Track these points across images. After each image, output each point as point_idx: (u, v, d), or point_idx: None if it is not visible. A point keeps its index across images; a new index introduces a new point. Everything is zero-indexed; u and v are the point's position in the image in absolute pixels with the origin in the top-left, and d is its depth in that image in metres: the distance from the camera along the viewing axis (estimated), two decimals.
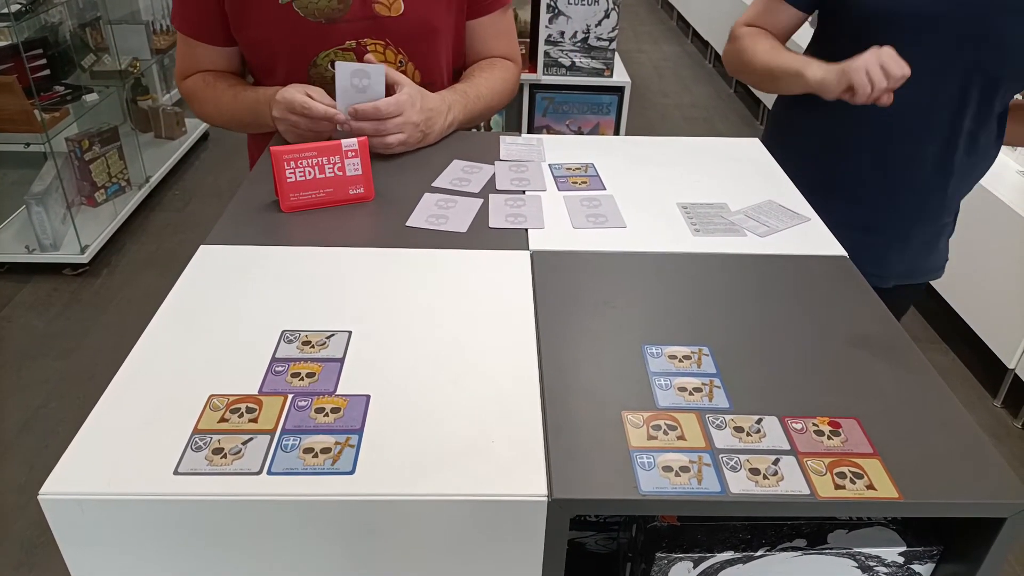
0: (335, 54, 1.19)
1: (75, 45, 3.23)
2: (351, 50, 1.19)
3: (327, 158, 1.00)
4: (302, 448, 0.64)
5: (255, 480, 0.61)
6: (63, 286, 2.80)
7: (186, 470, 0.62)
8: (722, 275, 0.92)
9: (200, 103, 1.27)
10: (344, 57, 1.19)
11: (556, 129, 2.66)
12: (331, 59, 1.19)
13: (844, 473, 0.64)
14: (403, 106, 1.12)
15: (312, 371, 0.72)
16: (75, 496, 0.60)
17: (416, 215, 1.02)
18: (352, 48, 1.19)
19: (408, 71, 1.24)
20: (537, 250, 0.95)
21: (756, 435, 0.68)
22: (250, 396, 0.69)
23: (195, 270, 0.88)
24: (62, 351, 2.47)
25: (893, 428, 0.69)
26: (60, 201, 2.87)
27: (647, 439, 0.67)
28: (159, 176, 3.44)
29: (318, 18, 1.16)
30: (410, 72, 1.24)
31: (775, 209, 1.06)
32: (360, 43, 1.19)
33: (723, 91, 4.98)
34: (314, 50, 1.19)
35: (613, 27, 2.47)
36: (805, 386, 0.74)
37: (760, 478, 0.63)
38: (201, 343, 0.76)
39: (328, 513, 0.61)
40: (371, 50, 1.20)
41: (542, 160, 1.19)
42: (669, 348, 0.78)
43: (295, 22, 1.16)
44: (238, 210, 1.02)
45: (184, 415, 0.67)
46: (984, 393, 2.41)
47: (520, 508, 0.61)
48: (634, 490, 0.62)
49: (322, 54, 1.19)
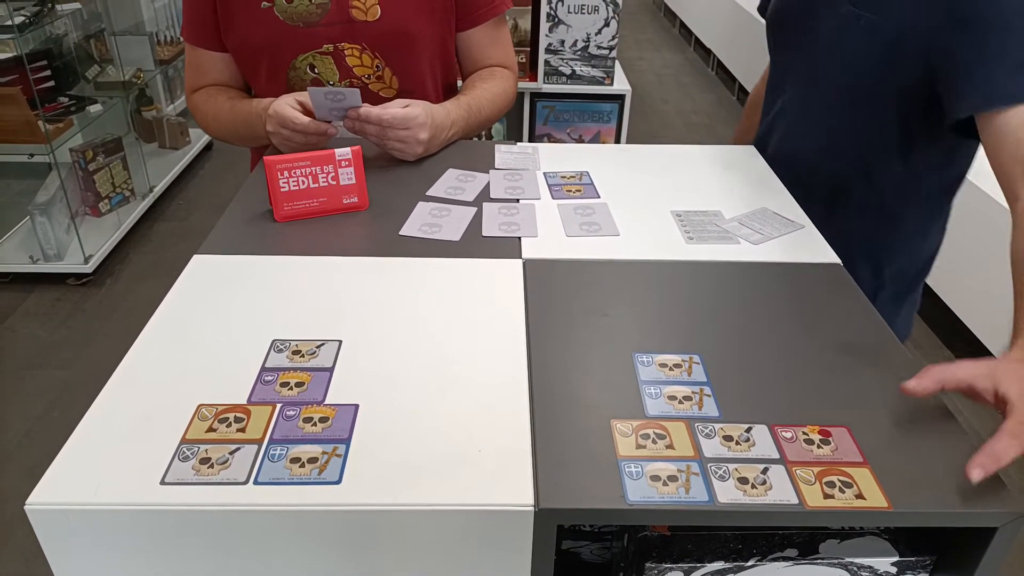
0: (313, 57, 1.21)
1: (79, 56, 3.25)
2: (328, 54, 1.21)
3: (320, 167, 1.00)
4: (289, 458, 0.64)
5: (241, 490, 0.61)
6: (67, 296, 2.81)
7: (173, 480, 0.62)
8: (715, 283, 0.91)
9: (203, 116, 1.29)
10: (322, 61, 1.21)
11: (557, 137, 2.67)
12: (309, 62, 1.22)
13: (833, 482, 0.63)
14: (410, 122, 1.13)
15: (301, 380, 0.72)
16: (61, 506, 0.60)
17: (409, 224, 1.02)
18: (330, 52, 1.21)
19: (385, 77, 1.25)
20: (530, 258, 0.95)
21: (745, 444, 0.67)
22: (239, 406, 0.69)
23: (188, 280, 0.89)
24: (65, 360, 2.48)
25: (884, 436, 0.68)
26: (64, 211, 2.88)
27: (636, 448, 0.66)
28: (163, 186, 3.45)
29: (296, 22, 1.19)
30: (387, 78, 1.25)
31: (769, 216, 1.06)
32: (338, 47, 1.21)
33: (725, 98, 4.98)
34: (292, 53, 1.21)
35: (613, 35, 2.47)
36: (796, 394, 0.74)
37: (748, 487, 0.63)
38: (191, 353, 0.76)
39: (314, 523, 0.61)
40: (348, 54, 1.21)
41: (537, 168, 1.19)
42: (660, 356, 0.78)
43: (274, 25, 1.18)
44: (232, 220, 1.02)
45: (172, 425, 0.67)
46: None
47: (506, 518, 0.61)
48: (621, 500, 0.61)
49: (300, 57, 1.21)
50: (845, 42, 1.08)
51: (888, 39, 1.02)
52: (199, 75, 1.28)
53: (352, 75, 1.23)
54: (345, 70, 1.23)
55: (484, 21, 1.30)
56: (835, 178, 1.16)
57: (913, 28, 0.99)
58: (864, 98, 1.09)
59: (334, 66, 1.22)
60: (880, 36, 1.03)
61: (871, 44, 1.04)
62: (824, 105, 1.15)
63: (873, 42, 1.04)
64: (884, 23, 1.02)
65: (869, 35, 1.04)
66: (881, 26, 1.03)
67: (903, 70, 1.03)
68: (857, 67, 1.07)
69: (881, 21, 1.03)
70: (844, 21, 1.08)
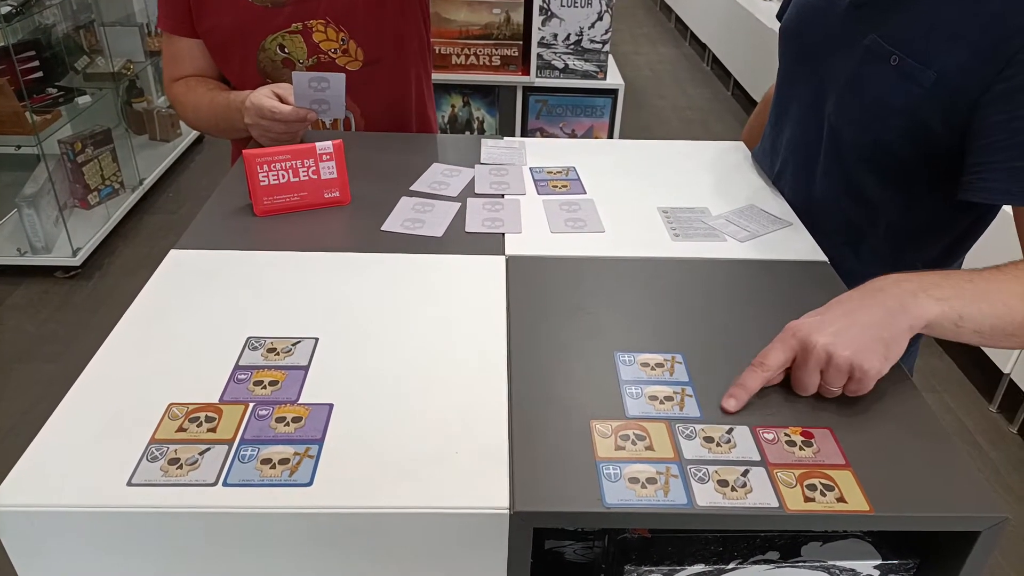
0: (282, 37, 1.21)
1: (68, 47, 3.22)
2: (297, 32, 1.21)
3: (301, 161, 0.98)
4: (260, 459, 0.62)
5: (210, 492, 0.60)
6: (55, 289, 2.79)
7: (140, 481, 0.60)
8: (700, 281, 0.90)
9: (183, 108, 1.28)
10: (291, 40, 1.21)
11: (550, 132, 2.65)
12: (279, 43, 1.21)
13: (814, 485, 0.62)
14: None
15: (275, 379, 0.71)
16: (24, 508, 0.58)
17: (392, 219, 1.00)
18: (299, 31, 1.21)
19: (351, 49, 1.24)
20: (513, 255, 0.93)
21: (726, 445, 0.66)
22: (210, 405, 0.68)
23: (163, 275, 0.87)
24: (53, 354, 2.46)
25: (867, 438, 0.67)
26: (52, 203, 2.85)
27: (615, 449, 0.65)
28: (153, 179, 3.43)
29: (264, 2, 1.19)
30: (352, 50, 1.24)
31: (757, 214, 1.05)
32: (306, 25, 1.21)
33: (720, 93, 4.96)
34: (262, 34, 1.21)
35: (606, 30, 2.45)
36: (779, 395, 0.72)
37: (728, 490, 0.62)
38: (164, 350, 0.75)
39: (284, 526, 0.59)
40: (315, 30, 1.21)
41: (523, 164, 1.18)
42: (642, 356, 0.77)
43: (243, 7, 1.19)
44: (211, 214, 1.01)
45: (142, 424, 0.66)
46: (980, 398, 2.39)
47: (481, 521, 0.60)
48: (598, 503, 0.60)
49: (269, 38, 1.21)
50: (865, 81, 0.93)
51: (922, 91, 0.88)
52: (177, 65, 1.27)
53: (319, 51, 1.23)
54: (312, 46, 1.22)
55: None
56: (850, 226, 1.04)
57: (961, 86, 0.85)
58: (883, 152, 0.95)
59: (303, 44, 1.22)
60: (914, 85, 0.88)
61: (897, 88, 0.90)
62: (833, 153, 1.01)
63: (904, 87, 0.89)
64: (922, 71, 0.87)
65: (900, 78, 0.89)
66: (918, 74, 0.88)
67: (934, 127, 0.89)
68: (878, 110, 0.93)
69: (917, 67, 0.87)
70: (869, 56, 0.93)
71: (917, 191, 0.97)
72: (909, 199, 0.98)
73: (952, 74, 0.85)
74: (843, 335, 0.69)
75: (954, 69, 0.85)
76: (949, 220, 0.98)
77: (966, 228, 1.00)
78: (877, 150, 0.96)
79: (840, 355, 0.68)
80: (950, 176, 0.90)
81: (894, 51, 0.90)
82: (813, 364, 0.70)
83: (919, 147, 0.92)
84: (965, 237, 1.01)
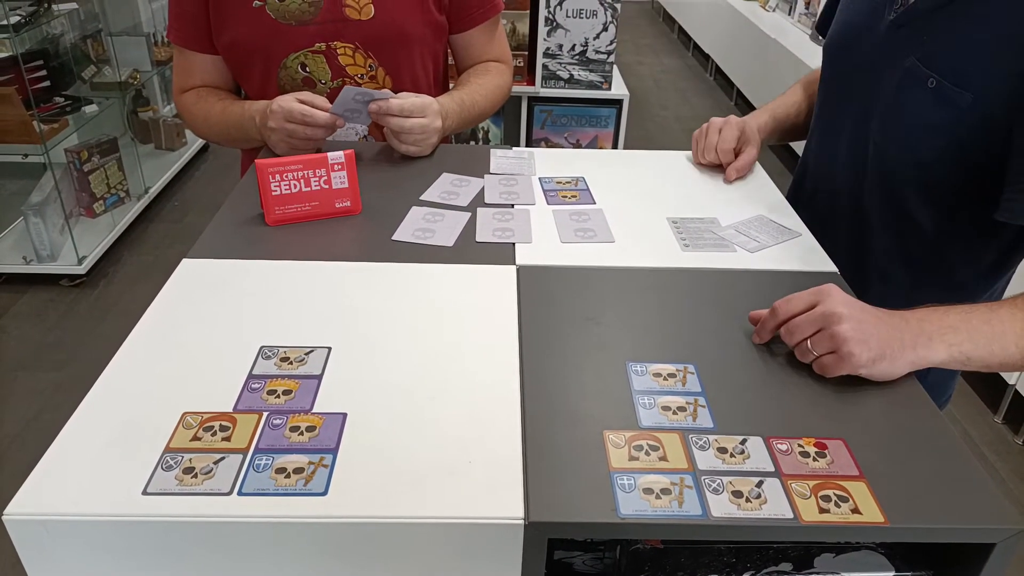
0: (304, 56, 1.20)
1: (76, 56, 3.24)
2: (321, 52, 1.20)
3: (313, 171, 0.99)
4: (274, 468, 0.63)
5: (225, 501, 0.60)
6: (60, 297, 2.80)
7: (155, 490, 0.60)
8: (711, 291, 0.90)
9: (192, 118, 1.28)
10: (314, 60, 1.21)
11: (555, 142, 2.66)
12: (300, 61, 1.21)
13: (829, 496, 0.62)
14: (426, 109, 1.14)
15: (289, 388, 0.71)
16: (40, 517, 0.58)
17: (403, 229, 1.01)
18: (322, 51, 1.20)
19: (378, 76, 1.24)
20: (524, 265, 0.93)
21: (740, 456, 0.66)
22: (224, 414, 0.68)
23: (176, 284, 0.87)
24: (58, 363, 2.46)
25: (881, 449, 0.67)
26: (58, 212, 2.86)
27: (628, 460, 0.65)
28: (158, 187, 3.44)
29: (288, 20, 1.18)
30: (380, 77, 1.25)
31: (766, 224, 1.05)
32: (330, 46, 1.20)
33: (723, 103, 4.98)
34: (284, 52, 1.20)
35: (611, 40, 2.46)
36: (792, 405, 0.72)
37: (743, 501, 0.62)
38: (177, 359, 0.75)
39: (299, 535, 0.59)
40: (340, 53, 1.21)
41: (532, 174, 1.18)
42: (654, 366, 0.77)
43: (267, 24, 1.18)
44: (223, 223, 1.01)
45: (156, 433, 0.66)
46: (985, 409, 2.39)
47: (496, 531, 0.60)
48: (613, 513, 0.60)
49: (292, 56, 1.21)
50: (905, 102, 0.93)
51: (960, 113, 0.87)
52: (188, 77, 1.27)
53: (345, 74, 1.22)
54: (337, 69, 1.22)
55: (479, 24, 1.29)
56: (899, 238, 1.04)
57: (998, 108, 0.85)
58: (926, 172, 0.95)
59: (326, 65, 1.21)
60: (952, 107, 0.88)
61: (936, 110, 0.89)
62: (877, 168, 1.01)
63: (942, 110, 0.89)
64: (960, 94, 0.87)
65: (938, 101, 0.89)
66: (955, 97, 0.87)
67: (973, 149, 0.89)
68: (919, 132, 0.93)
69: (955, 90, 0.87)
70: (908, 78, 0.92)
71: (960, 208, 0.96)
72: (953, 215, 0.98)
73: (989, 96, 0.86)
74: (859, 321, 0.73)
75: (991, 91, 0.86)
76: (995, 234, 0.98)
77: (1012, 241, 0.99)
78: (920, 169, 0.96)
79: (843, 327, 0.72)
80: (993, 195, 0.90)
81: (931, 74, 0.89)
82: (818, 315, 0.74)
83: (960, 167, 0.92)
84: (1012, 250, 1.00)
